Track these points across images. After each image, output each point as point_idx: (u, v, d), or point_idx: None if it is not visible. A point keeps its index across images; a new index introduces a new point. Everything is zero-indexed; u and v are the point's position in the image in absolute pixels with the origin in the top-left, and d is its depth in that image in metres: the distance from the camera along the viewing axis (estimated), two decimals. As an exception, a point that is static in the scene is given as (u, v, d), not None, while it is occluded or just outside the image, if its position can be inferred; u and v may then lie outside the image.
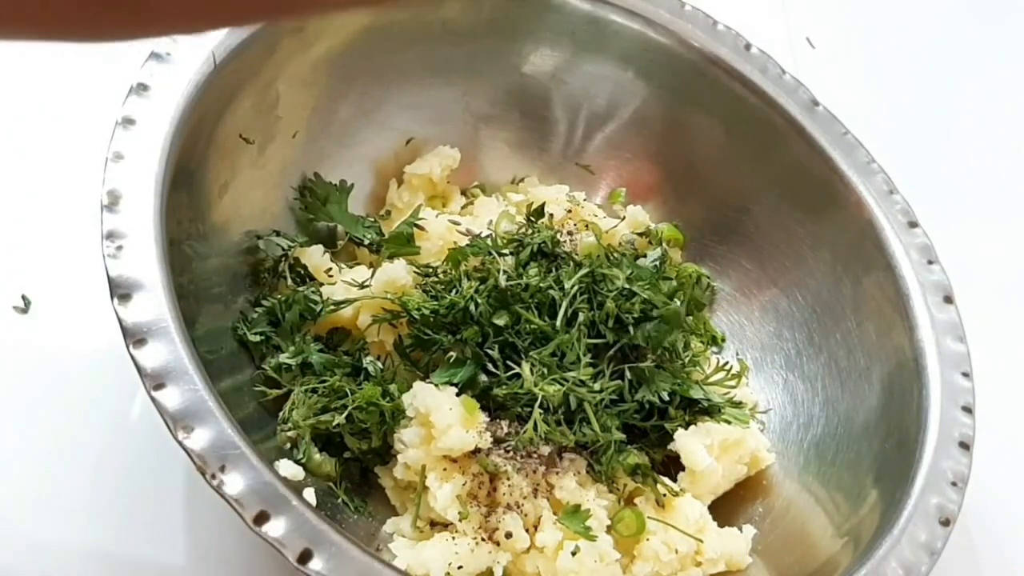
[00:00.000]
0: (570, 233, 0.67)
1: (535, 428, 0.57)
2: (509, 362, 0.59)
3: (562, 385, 0.57)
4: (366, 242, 0.67)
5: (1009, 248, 0.86)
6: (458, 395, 0.57)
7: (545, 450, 0.58)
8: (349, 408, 0.56)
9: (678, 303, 0.64)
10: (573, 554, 0.54)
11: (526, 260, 0.62)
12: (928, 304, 0.62)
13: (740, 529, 0.60)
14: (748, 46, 0.71)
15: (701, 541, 0.58)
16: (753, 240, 0.71)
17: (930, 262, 0.64)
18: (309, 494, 0.53)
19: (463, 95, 0.72)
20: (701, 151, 0.72)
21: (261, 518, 0.44)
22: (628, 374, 0.60)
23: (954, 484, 0.55)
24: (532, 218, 0.66)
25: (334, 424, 0.56)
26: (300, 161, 0.66)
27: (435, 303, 0.60)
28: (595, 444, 0.59)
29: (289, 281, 0.62)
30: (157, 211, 0.51)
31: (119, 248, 0.49)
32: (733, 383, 0.65)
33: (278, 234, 0.64)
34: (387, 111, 0.69)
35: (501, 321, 0.59)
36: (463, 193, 0.73)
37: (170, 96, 0.54)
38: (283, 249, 0.63)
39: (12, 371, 0.61)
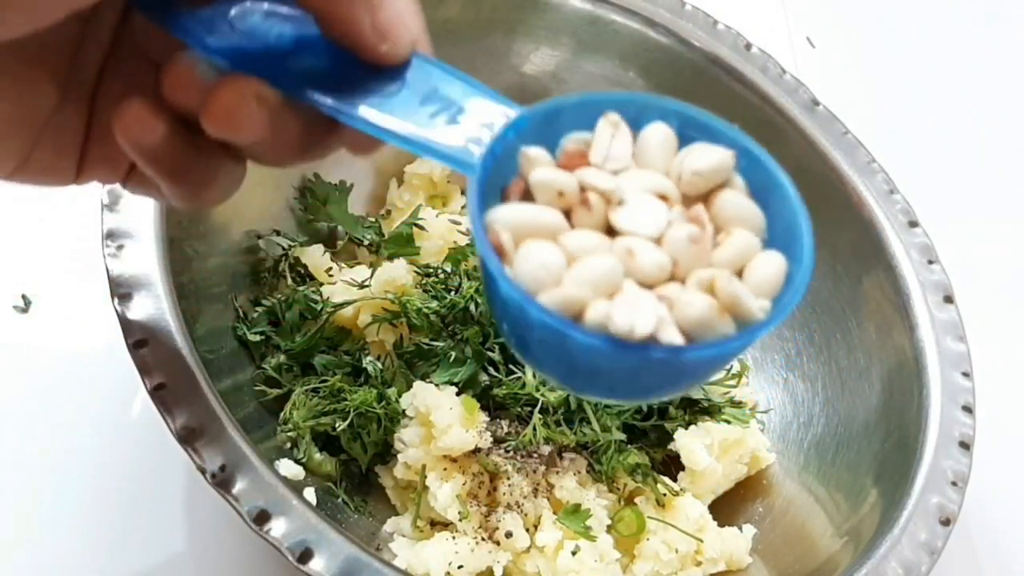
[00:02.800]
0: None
1: (534, 432, 0.57)
2: (510, 364, 0.59)
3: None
4: (366, 242, 0.67)
5: (1009, 248, 0.86)
6: (458, 395, 0.57)
7: (545, 450, 0.58)
8: (351, 415, 0.56)
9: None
10: (573, 553, 0.54)
11: (526, 260, 0.62)
12: (928, 304, 0.62)
13: (740, 529, 0.60)
14: (748, 46, 0.71)
15: (701, 540, 0.58)
16: (753, 240, 0.71)
17: (930, 262, 0.64)
18: (309, 494, 0.53)
19: (463, 95, 0.72)
20: (701, 151, 0.72)
21: (261, 518, 0.44)
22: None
23: (954, 484, 0.55)
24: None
25: (335, 428, 0.56)
26: (300, 161, 0.66)
27: (435, 303, 0.60)
28: (595, 444, 0.59)
29: (289, 281, 0.62)
30: (157, 211, 0.51)
31: (119, 248, 0.49)
32: (733, 383, 0.65)
33: (278, 234, 0.64)
34: (387, 111, 0.69)
35: (501, 321, 0.59)
36: (463, 193, 0.73)
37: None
38: (283, 249, 0.63)
39: (12, 371, 0.61)
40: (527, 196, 0.31)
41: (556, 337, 0.29)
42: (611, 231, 0.30)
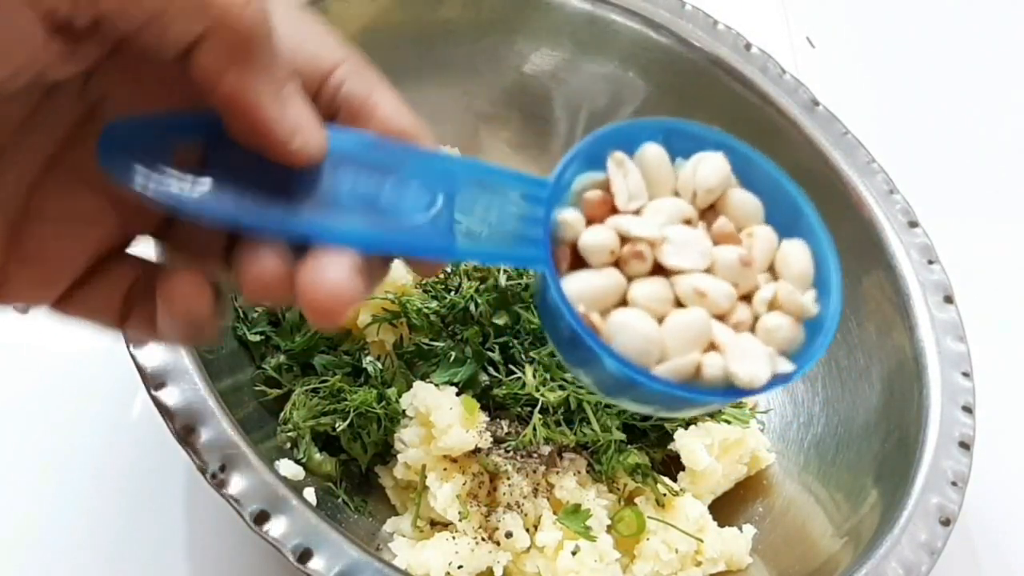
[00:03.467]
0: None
1: (534, 432, 0.57)
2: (510, 364, 0.59)
3: (564, 390, 0.57)
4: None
5: (1009, 248, 0.86)
6: (458, 395, 0.57)
7: (545, 450, 0.58)
8: (351, 415, 0.56)
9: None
10: (573, 554, 0.54)
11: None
12: (928, 304, 0.62)
13: (740, 529, 0.60)
14: (748, 46, 0.71)
15: (701, 541, 0.58)
16: (753, 240, 0.71)
17: (930, 262, 0.64)
18: (309, 494, 0.53)
19: (463, 95, 0.72)
20: (701, 151, 0.72)
21: (261, 518, 0.44)
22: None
23: (954, 484, 0.55)
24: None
25: (335, 428, 0.56)
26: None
27: (435, 303, 0.60)
28: (595, 444, 0.59)
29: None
30: (157, 211, 0.51)
31: (119, 248, 0.49)
32: (733, 383, 0.65)
33: (278, 234, 0.64)
34: (387, 111, 0.69)
35: (501, 321, 0.59)
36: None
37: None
38: (283, 249, 0.63)
39: (12, 371, 0.61)
40: (577, 260, 0.31)
41: (671, 398, 0.30)
42: (657, 267, 0.31)
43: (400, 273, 0.61)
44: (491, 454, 0.57)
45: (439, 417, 0.55)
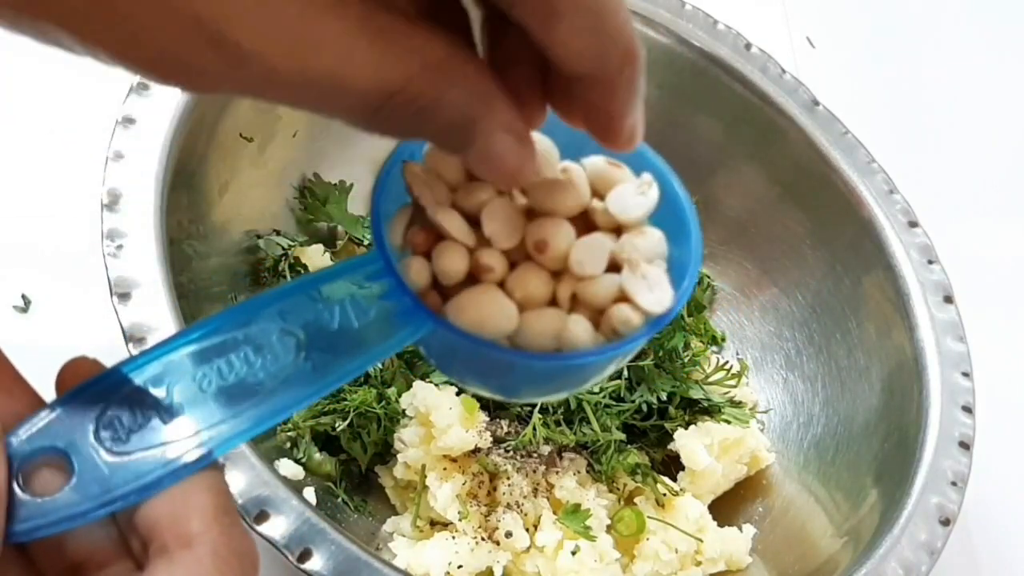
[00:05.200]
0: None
1: (534, 432, 0.57)
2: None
3: (563, 389, 0.58)
4: (366, 242, 0.67)
5: (1009, 248, 0.86)
6: (458, 394, 0.57)
7: (545, 450, 0.58)
8: (351, 415, 0.56)
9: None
10: (573, 553, 0.54)
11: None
12: (928, 304, 0.62)
13: (740, 529, 0.60)
14: (748, 46, 0.71)
15: (701, 540, 0.58)
16: (753, 240, 0.71)
17: (930, 262, 0.64)
18: (309, 494, 0.53)
19: (463, 95, 0.72)
20: (701, 151, 0.72)
21: (261, 518, 0.44)
22: (628, 374, 0.60)
23: (954, 484, 0.55)
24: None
25: (335, 428, 0.56)
26: (300, 161, 0.66)
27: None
28: (595, 444, 0.59)
29: (289, 280, 0.62)
30: (157, 210, 0.51)
31: (119, 248, 0.49)
32: (733, 383, 0.65)
33: (278, 233, 0.64)
34: (387, 111, 0.69)
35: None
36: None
37: (170, 95, 0.54)
38: (283, 248, 0.63)
39: (12, 371, 0.61)
40: (444, 295, 0.29)
41: (609, 361, 0.29)
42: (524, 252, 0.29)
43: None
44: (491, 454, 0.57)
45: (439, 417, 0.55)
